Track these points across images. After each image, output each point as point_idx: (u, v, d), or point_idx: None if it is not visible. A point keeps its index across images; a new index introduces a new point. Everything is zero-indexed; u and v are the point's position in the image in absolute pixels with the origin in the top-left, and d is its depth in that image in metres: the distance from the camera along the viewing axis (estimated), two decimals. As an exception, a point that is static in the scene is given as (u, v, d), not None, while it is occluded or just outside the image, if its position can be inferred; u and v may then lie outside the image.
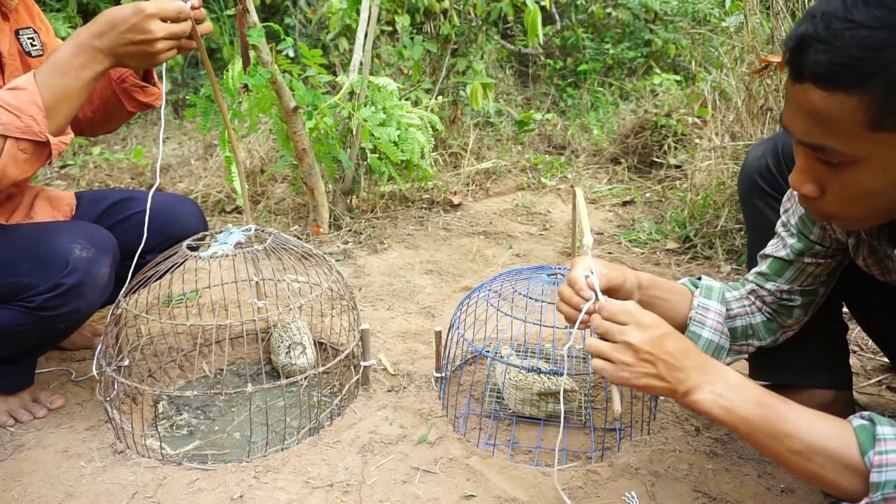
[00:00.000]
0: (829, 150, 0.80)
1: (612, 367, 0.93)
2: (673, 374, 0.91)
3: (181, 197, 1.67)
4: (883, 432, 0.81)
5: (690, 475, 1.25)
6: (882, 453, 0.80)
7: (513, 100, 4.14)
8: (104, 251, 1.34)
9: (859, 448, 0.82)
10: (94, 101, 1.54)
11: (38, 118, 1.16)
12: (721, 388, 0.90)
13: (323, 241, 2.44)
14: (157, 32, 1.19)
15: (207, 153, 3.46)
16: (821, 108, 0.77)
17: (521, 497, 1.20)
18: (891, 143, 0.77)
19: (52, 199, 1.57)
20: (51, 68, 1.19)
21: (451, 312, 1.91)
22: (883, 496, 0.79)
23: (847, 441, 0.83)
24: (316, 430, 1.40)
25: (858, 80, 0.73)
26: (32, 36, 1.45)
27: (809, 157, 0.84)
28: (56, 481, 1.26)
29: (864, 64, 0.73)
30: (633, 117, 3.41)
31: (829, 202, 0.86)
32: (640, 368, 0.92)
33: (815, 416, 0.87)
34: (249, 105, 2.30)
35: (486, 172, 3.13)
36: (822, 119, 0.78)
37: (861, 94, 0.74)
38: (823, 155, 0.82)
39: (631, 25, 4.50)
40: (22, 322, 1.30)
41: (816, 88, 0.77)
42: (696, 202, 2.44)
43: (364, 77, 2.40)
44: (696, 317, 1.19)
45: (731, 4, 3.06)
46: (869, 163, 0.79)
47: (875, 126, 0.75)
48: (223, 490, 1.23)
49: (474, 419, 1.44)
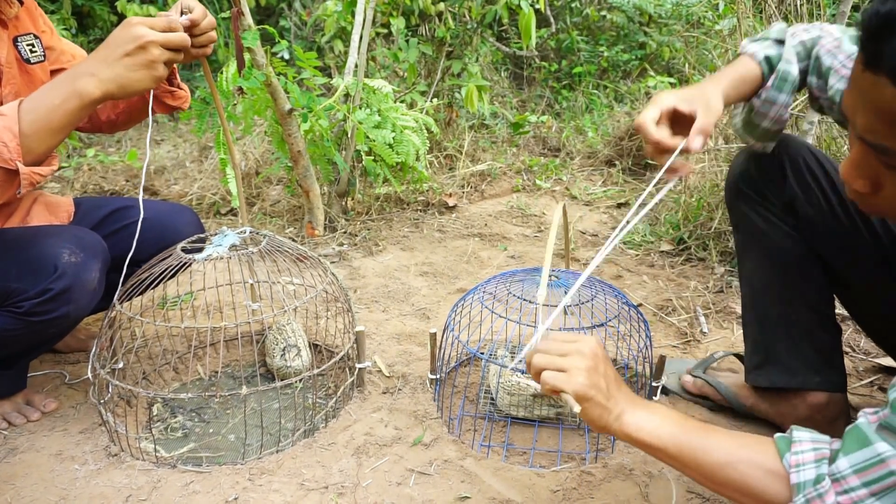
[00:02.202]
0: (890, 151, 0.71)
1: (564, 376, 0.89)
2: (611, 397, 0.91)
3: (179, 206, 1.67)
4: (799, 436, 0.83)
5: (684, 476, 1.26)
6: (798, 453, 0.81)
7: (508, 102, 4.15)
8: (94, 256, 1.33)
9: (778, 453, 0.83)
10: (119, 105, 1.54)
11: (11, 145, 1.10)
12: (649, 413, 0.91)
13: (318, 243, 2.44)
14: (147, 36, 1.14)
15: (202, 155, 3.46)
16: (889, 103, 0.66)
17: (516, 498, 1.21)
18: None
19: (51, 204, 1.56)
20: (38, 95, 1.15)
21: (445, 314, 1.91)
22: (805, 498, 0.78)
23: (766, 449, 0.84)
24: (311, 432, 1.40)
25: None
26: (32, 42, 1.44)
27: (867, 153, 0.75)
28: (50, 484, 1.25)
29: None
30: (628, 120, 3.43)
31: (883, 201, 0.78)
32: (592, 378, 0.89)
33: (737, 434, 0.90)
34: (244, 107, 2.30)
35: (481, 175, 3.14)
36: (890, 117, 0.67)
37: None
38: (886, 158, 0.72)
39: (625, 28, 4.52)
40: (11, 327, 1.28)
41: (893, 85, 0.65)
42: (689, 204, 2.45)
43: (359, 79, 2.41)
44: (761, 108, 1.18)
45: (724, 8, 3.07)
46: None
47: None
48: (218, 492, 1.23)
49: (469, 421, 1.45)
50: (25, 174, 1.13)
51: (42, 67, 1.46)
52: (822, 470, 0.78)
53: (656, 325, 1.88)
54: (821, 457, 0.80)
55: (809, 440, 0.82)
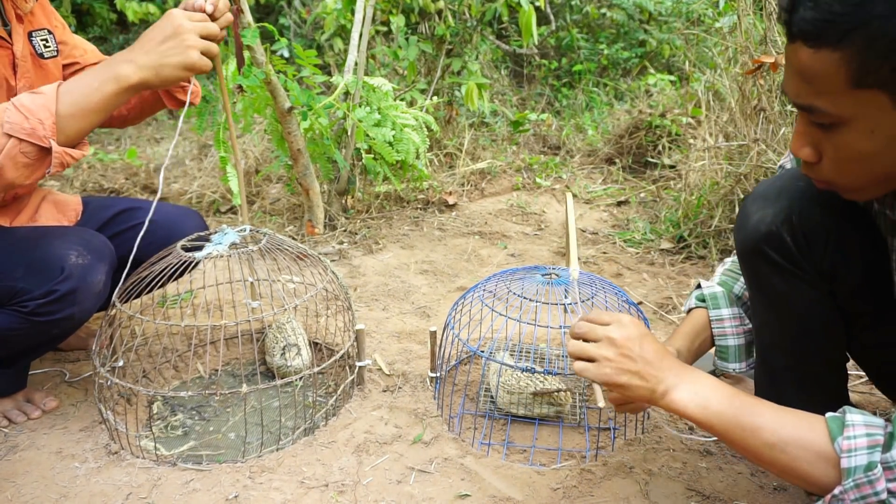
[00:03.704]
0: (817, 110, 0.80)
1: (594, 366, 0.95)
2: (652, 374, 0.93)
3: (186, 209, 1.67)
4: (852, 419, 0.82)
5: (684, 474, 1.26)
6: (850, 438, 0.81)
7: (508, 100, 4.15)
8: (100, 258, 1.33)
9: (829, 436, 0.83)
10: (131, 100, 1.54)
11: (47, 123, 1.13)
12: (696, 387, 0.92)
13: (318, 241, 2.44)
14: (184, 25, 1.19)
15: (202, 154, 3.46)
16: (808, 65, 0.78)
17: (516, 496, 1.21)
18: (874, 102, 0.76)
19: (59, 203, 1.56)
20: (78, 79, 1.19)
21: (445, 312, 1.91)
22: (854, 482, 0.79)
23: (818, 431, 0.84)
24: (311, 430, 1.40)
25: (840, 35, 0.74)
26: (46, 37, 1.45)
27: (805, 120, 0.84)
28: (50, 482, 1.25)
29: (844, 18, 0.73)
30: (628, 118, 3.42)
31: (825, 167, 0.86)
32: (622, 365, 0.93)
33: (786, 411, 0.88)
34: (244, 105, 2.30)
35: (481, 173, 3.13)
36: (810, 77, 0.78)
37: (843, 50, 0.74)
38: (813, 116, 0.82)
39: (625, 26, 4.51)
40: (14, 326, 1.28)
41: (804, 46, 0.77)
42: (690, 202, 2.45)
43: (359, 77, 2.40)
44: (716, 331, 1.26)
45: (724, 5, 3.07)
46: (856, 123, 0.79)
47: (857, 83, 0.75)
48: (218, 490, 1.23)
49: (469, 419, 1.45)
50: (58, 154, 1.16)
51: (55, 62, 1.48)
52: (874, 457, 0.78)
53: (657, 323, 1.89)
54: (874, 443, 0.79)
55: (863, 424, 0.81)
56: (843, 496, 0.80)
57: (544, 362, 1.61)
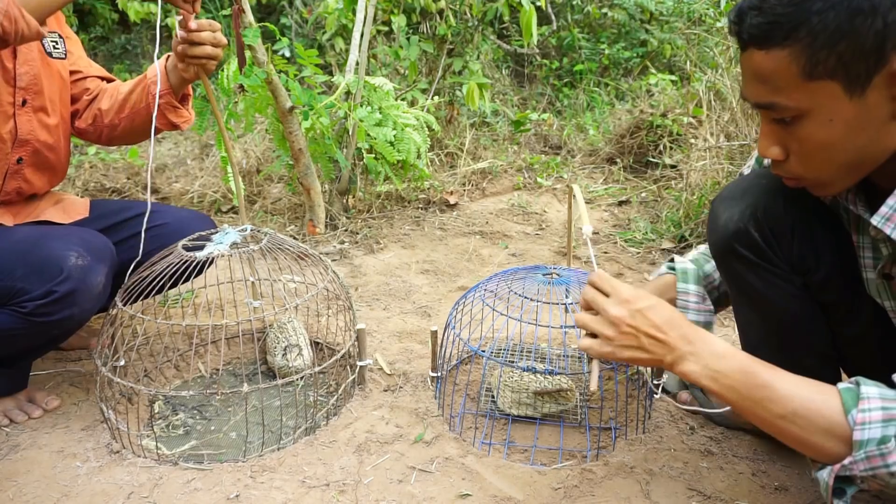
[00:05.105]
0: (776, 106, 0.86)
1: (597, 343, 0.97)
2: (656, 346, 0.93)
3: (197, 213, 1.67)
4: (867, 392, 0.82)
5: (685, 473, 1.26)
6: (865, 411, 0.81)
7: (509, 100, 4.15)
8: (101, 259, 1.33)
9: (843, 408, 0.83)
10: (125, 109, 1.55)
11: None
12: (706, 358, 0.91)
13: (319, 241, 2.44)
14: None
15: (203, 153, 3.46)
16: (762, 66, 0.85)
17: (517, 496, 1.21)
18: (827, 91, 0.82)
19: (67, 205, 1.57)
20: None
21: (447, 312, 1.91)
22: (865, 454, 0.79)
23: (831, 403, 0.84)
24: (312, 429, 1.41)
25: (786, 33, 0.81)
26: (56, 39, 1.47)
27: (768, 120, 0.90)
28: (52, 481, 1.26)
29: (787, 18, 0.80)
30: (629, 117, 3.42)
31: (793, 163, 0.91)
32: (623, 341, 0.95)
33: (801, 381, 0.88)
34: (245, 105, 2.30)
35: (482, 172, 3.13)
36: (765, 77, 0.85)
37: (791, 47, 0.81)
38: (774, 113, 0.87)
39: (626, 26, 4.51)
40: (14, 326, 1.28)
41: (756, 50, 0.84)
42: (691, 202, 2.45)
43: (360, 77, 2.40)
44: (680, 303, 1.29)
45: (725, 5, 3.07)
46: (814, 114, 0.84)
47: (808, 75, 0.81)
48: (219, 490, 1.23)
49: (470, 418, 1.45)
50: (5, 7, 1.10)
51: (63, 65, 1.50)
52: (888, 431, 0.78)
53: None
54: (889, 417, 0.79)
55: (878, 397, 0.81)
56: (852, 466, 0.81)
57: (545, 362, 1.61)
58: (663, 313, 0.95)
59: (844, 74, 0.80)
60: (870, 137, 0.84)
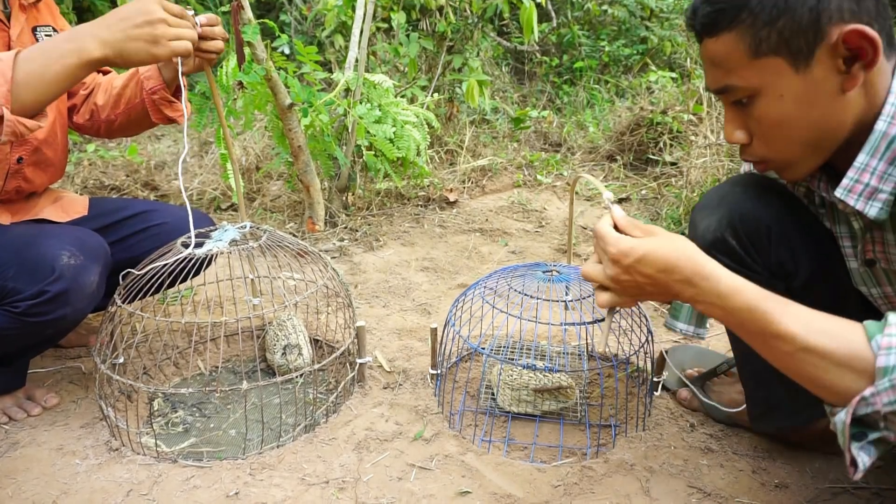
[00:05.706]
0: (730, 88, 0.92)
1: (606, 296, 0.96)
2: (661, 293, 0.92)
3: (198, 213, 1.66)
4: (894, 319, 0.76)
5: (685, 471, 1.26)
6: (891, 336, 0.74)
7: (509, 97, 4.14)
8: (94, 259, 1.32)
9: (866, 336, 0.77)
10: (120, 105, 1.54)
11: (1, 90, 1.09)
12: (712, 297, 0.87)
13: (318, 238, 2.43)
14: (157, 13, 1.14)
15: (203, 150, 3.45)
16: (714, 52, 0.92)
17: (517, 493, 1.21)
18: (773, 68, 0.88)
19: (65, 203, 1.56)
20: (39, 48, 1.15)
21: (446, 309, 1.91)
22: (891, 382, 0.72)
23: (852, 332, 0.78)
24: (312, 427, 1.40)
25: (731, 17, 0.88)
26: (51, 34, 1.45)
27: (729, 105, 0.96)
28: (51, 479, 1.25)
29: (731, 4, 0.88)
30: (629, 115, 3.42)
31: (756, 146, 0.96)
32: (630, 293, 0.94)
33: (815, 315, 0.82)
34: (244, 102, 2.30)
35: (482, 170, 3.13)
36: (718, 62, 0.92)
37: (736, 29, 0.88)
38: (730, 95, 0.93)
39: (627, 23, 4.50)
40: (7, 326, 1.27)
41: (708, 38, 0.92)
42: (691, 199, 2.45)
43: (360, 74, 2.40)
44: None
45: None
46: (766, 91, 0.90)
47: (754, 53, 0.88)
48: (219, 487, 1.23)
49: (470, 416, 1.44)
50: (10, 122, 1.11)
51: None
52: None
53: (657, 321, 1.88)
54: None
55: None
56: (873, 399, 0.74)
57: (545, 359, 1.61)
58: (656, 262, 0.88)
59: (787, 50, 0.86)
60: (823, 112, 0.88)
